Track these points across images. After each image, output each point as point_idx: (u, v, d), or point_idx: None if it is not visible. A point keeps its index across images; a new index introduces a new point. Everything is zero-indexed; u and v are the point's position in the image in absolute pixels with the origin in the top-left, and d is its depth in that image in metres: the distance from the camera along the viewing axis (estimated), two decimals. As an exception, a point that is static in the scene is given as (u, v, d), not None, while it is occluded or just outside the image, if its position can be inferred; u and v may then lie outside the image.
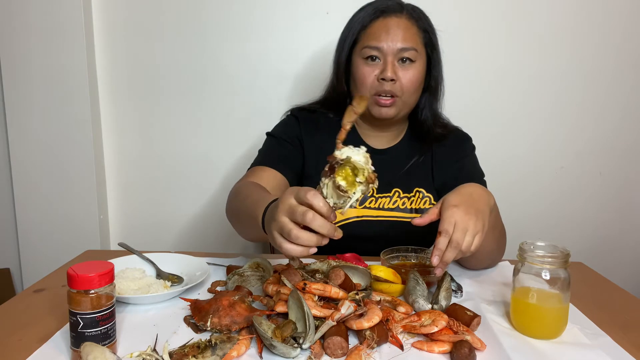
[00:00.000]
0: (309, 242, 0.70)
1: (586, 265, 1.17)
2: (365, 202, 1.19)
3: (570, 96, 1.76)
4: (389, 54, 1.10)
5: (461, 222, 0.80)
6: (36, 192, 1.77)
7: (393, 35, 1.10)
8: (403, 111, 1.16)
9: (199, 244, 1.88)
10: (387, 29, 1.11)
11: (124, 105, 1.80)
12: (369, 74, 1.12)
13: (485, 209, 0.86)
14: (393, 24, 1.11)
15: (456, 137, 1.27)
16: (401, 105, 1.14)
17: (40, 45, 1.67)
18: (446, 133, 1.25)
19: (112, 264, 0.72)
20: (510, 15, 1.70)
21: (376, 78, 1.11)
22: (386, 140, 1.25)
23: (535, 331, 0.79)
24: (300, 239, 0.70)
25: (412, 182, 1.22)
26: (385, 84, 1.10)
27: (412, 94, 1.14)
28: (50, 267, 1.11)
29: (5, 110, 1.73)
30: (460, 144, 1.27)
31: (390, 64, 1.10)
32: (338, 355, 0.72)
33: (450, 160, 1.23)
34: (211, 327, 0.78)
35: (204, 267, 1.02)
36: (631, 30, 1.71)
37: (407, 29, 1.11)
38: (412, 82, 1.12)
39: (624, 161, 1.82)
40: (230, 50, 1.73)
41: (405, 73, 1.11)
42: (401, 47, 1.10)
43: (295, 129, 1.23)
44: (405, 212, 1.20)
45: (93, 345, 0.67)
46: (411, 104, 1.17)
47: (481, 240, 0.82)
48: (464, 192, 0.87)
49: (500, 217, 1.04)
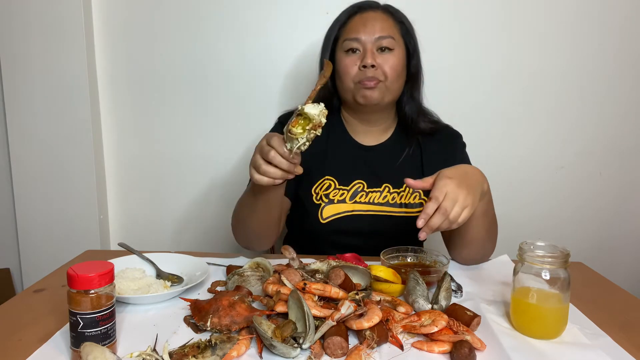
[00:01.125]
0: (274, 174, 0.90)
1: (586, 265, 1.17)
2: (356, 196, 1.21)
3: (571, 96, 1.76)
4: (368, 43, 1.16)
5: (452, 192, 0.87)
6: (36, 192, 1.77)
7: (370, 26, 1.16)
8: (387, 97, 1.19)
9: (199, 244, 1.88)
10: (365, 21, 1.17)
11: (124, 105, 1.80)
12: (351, 65, 1.17)
13: (477, 187, 0.92)
14: (370, 17, 1.18)
15: (446, 133, 1.30)
16: (384, 90, 1.18)
17: (40, 46, 1.67)
18: (436, 128, 1.28)
19: (112, 264, 0.72)
20: (510, 15, 1.70)
21: (358, 67, 1.16)
22: (375, 137, 1.28)
23: (535, 331, 0.79)
24: (267, 172, 0.90)
25: (402, 177, 1.22)
26: (368, 71, 1.15)
27: (394, 80, 1.18)
28: (50, 267, 1.11)
29: (5, 110, 1.73)
30: (450, 141, 1.29)
31: (370, 51, 1.15)
32: (338, 355, 0.72)
33: (440, 156, 1.25)
34: (211, 327, 0.78)
35: (204, 267, 1.02)
36: (631, 30, 1.71)
37: (383, 20, 1.18)
38: (393, 68, 1.16)
39: (624, 161, 1.82)
40: (231, 50, 1.73)
41: (385, 60, 1.16)
42: (379, 36, 1.16)
43: None
44: (395, 206, 1.22)
45: (93, 345, 0.67)
46: (394, 91, 1.20)
47: (469, 215, 0.88)
48: (460, 169, 0.94)
49: (493, 208, 1.07)
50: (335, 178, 1.23)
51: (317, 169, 1.23)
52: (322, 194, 1.22)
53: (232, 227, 1.16)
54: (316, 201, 1.21)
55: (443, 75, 1.72)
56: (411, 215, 1.21)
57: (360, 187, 1.22)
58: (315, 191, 1.22)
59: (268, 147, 0.89)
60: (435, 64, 1.71)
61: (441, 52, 1.71)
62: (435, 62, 1.71)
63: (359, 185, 1.23)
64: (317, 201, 1.21)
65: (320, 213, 1.20)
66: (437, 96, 1.70)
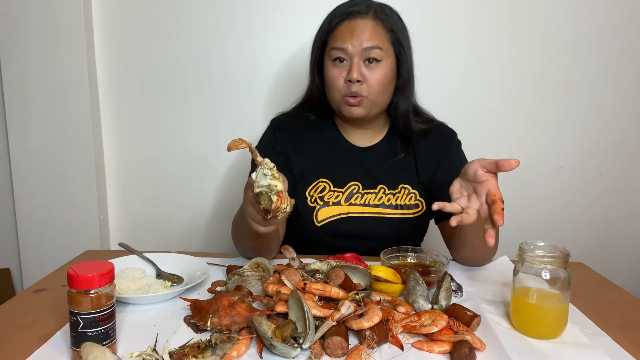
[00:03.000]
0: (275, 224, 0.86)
1: (586, 265, 1.17)
2: (352, 198, 1.21)
3: (571, 96, 1.76)
4: (355, 55, 1.12)
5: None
6: (36, 192, 1.77)
7: (357, 36, 1.11)
8: (373, 110, 1.17)
9: (199, 244, 1.88)
10: (352, 30, 1.12)
11: (123, 106, 1.80)
12: (337, 76, 1.14)
13: None
14: (358, 26, 1.13)
15: (440, 132, 1.27)
16: (369, 105, 1.15)
17: (40, 46, 1.67)
18: (429, 128, 1.25)
19: (112, 264, 0.72)
20: (510, 16, 1.70)
21: (344, 80, 1.13)
22: (368, 138, 1.27)
23: (535, 331, 0.79)
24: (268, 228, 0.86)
25: (397, 178, 1.23)
26: (352, 86, 1.12)
27: (379, 94, 1.15)
28: (50, 267, 1.11)
29: (5, 111, 1.73)
30: (444, 139, 1.27)
31: (356, 65, 1.12)
32: (338, 355, 0.72)
33: (435, 156, 1.24)
34: (211, 327, 0.78)
35: (204, 267, 1.02)
36: (632, 30, 1.71)
37: (372, 29, 1.12)
38: (379, 81, 1.13)
39: (624, 161, 1.82)
40: (231, 50, 1.73)
41: (372, 73, 1.12)
42: (365, 47, 1.11)
43: (277, 140, 1.26)
44: (390, 208, 1.21)
45: (93, 345, 0.67)
46: (381, 104, 1.18)
47: None
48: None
49: None
50: (329, 180, 1.22)
51: (312, 172, 1.22)
52: (316, 197, 1.20)
53: (232, 240, 1.15)
54: (311, 204, 1.20)
55: (443, 76, 1.73)
56: (407, 217, 1.20)
57: (356, 188, 1.21)
58: (310, 194, 1.21)
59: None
60: (436, 64, 1.72)
61: (441, 52, 1.71)
62: (435, 63, 1.72)
63: (354, 187, 1.21)
64: (311, 204, 1.20)
65: (316, 216, 1.19)
66: (437, 96, 1.70)
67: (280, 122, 1.29)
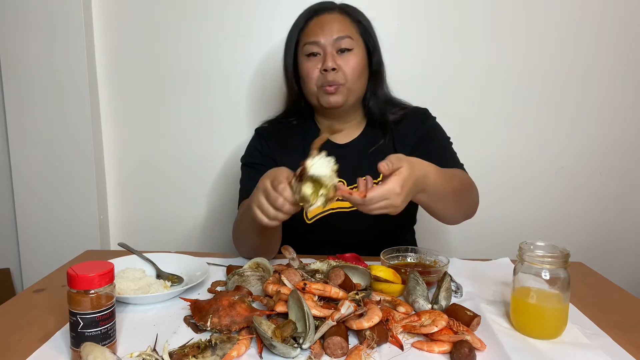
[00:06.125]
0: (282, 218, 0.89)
1: (586, 265, 1.17)
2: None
3: (571, 96, 1.76)
4: (328, 46, 1.18)
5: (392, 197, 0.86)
6: (36, 192, 1.77)
7: (328, 29, 1.18)
8: (350, 98, 1.21)
9: (199, 244, 1.88)
10: (322, 24, 1.19)
11: (123, 105, 1.79)
12: (312, 69, 1.19)
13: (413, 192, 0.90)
14: (327, 20, 1.20)
15: (412, 115, 1.30)
16: (347, 92, 1.19)
17: (40, 45, 1.67)
18: (405, 113, 1.29)
19: (112, 264, 0.72)
20: (511, 15, 1.70)
21: (319, 71, 1.18)
22: (347, 134, 1.30)
23: (535, 331, 0.79)
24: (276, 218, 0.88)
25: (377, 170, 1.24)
26: (328, 75, 1.16)
27: (355, 80, 1.19)
28: (50, 267, 1.11)
29: (5, 110, 1.73)
30: (418, 116, 1.29)
31: (330, 54, 1.17)
32: (338, 355, 0.72)
33: (412, 133, 1.26)
34: (211, 327, 0.78)
35: (204, 267, 1.02)
36: (632, 30, 1.71)
37: (340, 21, 1.20)
38: (354, 68, 1.18)
39: (624, 161, 1.82)
40: (231, 50, 1.73)
41: (346, 61, 1.18)
42: (337, 37, 1.17)
43: (264, 147, 1.31)
44: None
45: (93, 345, 0.67)
46: (357, 91, 1.22)
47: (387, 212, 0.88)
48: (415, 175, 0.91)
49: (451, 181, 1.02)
50: None
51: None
52: None
53: (233, 241, 1.17)
54: None
55: (443, 75, 1.72)
56: None
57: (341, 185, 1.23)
58: None
59: (276, 194, 0.86)
60: (435, 63, 1.72)
61: (441, 52, 1.71)
62: (435, 62, 1.72)
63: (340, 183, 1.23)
64: None
65: (305, 213, 1.23)
66: (436, 96, 1.71)
67: (264, 130, 1.35)
